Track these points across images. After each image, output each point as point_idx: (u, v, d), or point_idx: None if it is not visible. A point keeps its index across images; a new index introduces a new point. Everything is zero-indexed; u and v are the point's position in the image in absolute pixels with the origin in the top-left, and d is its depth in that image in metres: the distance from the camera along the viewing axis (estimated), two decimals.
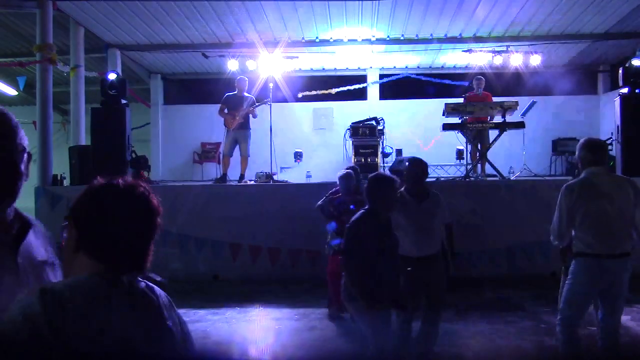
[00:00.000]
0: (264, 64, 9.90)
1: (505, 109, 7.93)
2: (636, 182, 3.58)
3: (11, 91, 11.96)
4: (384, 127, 8.99)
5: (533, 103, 9.42)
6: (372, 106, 11.16)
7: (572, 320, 3.57)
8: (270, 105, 8.54)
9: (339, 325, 5.26)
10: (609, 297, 3.51)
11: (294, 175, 8.75)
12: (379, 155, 8.58)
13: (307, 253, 7.06)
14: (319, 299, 5.92)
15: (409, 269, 3.87)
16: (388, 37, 9.96)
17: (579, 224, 3.48)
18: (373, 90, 11.92)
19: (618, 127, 7.54)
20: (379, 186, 3.51)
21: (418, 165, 4.20)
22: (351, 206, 5.32)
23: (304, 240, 6.99)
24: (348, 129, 8.86)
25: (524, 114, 9.10)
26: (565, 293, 3.61)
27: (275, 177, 8.36)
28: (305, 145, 10.25)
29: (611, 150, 9.23)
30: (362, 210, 3.55)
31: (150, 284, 1.36)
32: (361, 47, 10.29)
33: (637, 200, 3.45)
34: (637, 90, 7.53)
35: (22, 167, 1.42)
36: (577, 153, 3.68)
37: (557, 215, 3.57)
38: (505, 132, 7.97)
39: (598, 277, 3.45)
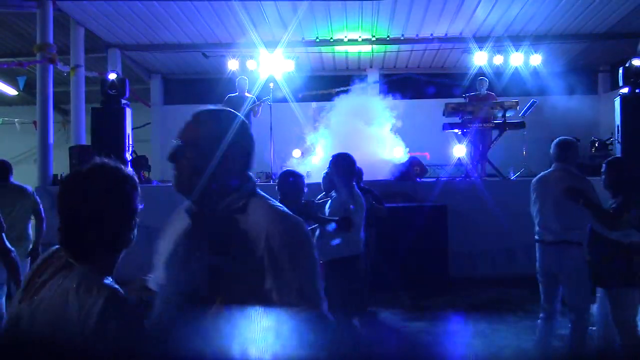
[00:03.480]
0: (264, 64, 9.90)
1: (505, 108, 7.93)
2: (588, 181, 3.83)
3: (11, 91, 11.96)
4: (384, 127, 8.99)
5: (533, 103, 9.42)
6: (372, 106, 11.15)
7: (543, 306, 3.96)
8: (271, 105, 8.54)
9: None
10: (563, 283, 3.82)
11: None
12: None
13: None
14: None
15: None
16: (388, 37, 9.96)
17: (535, 214, 3.98)
18: (373, 90, 11.91)
19: (618, 127, 7.54)
20: (285, 180, 3.88)
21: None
22: (351, 206, 5.31)
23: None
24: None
25: (524, 114, 9.09)
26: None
27: (275, 177, 8.37)
28: (306, 145, 10.24)
29: (611, 150, 9.25)
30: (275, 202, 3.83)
31: None
32: (361, 47, 10.29)
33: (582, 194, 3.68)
34: (637, 90, 7.52)
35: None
36: (551, 150, 4.05)
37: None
38: (505, 132, 7.97)
39: (546, 261, 3.88)
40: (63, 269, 1.33)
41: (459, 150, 8.21)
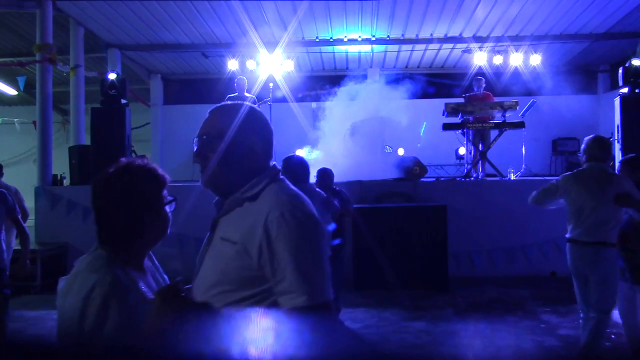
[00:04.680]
0: (264, 64, 9.90)
1: (505, 108, 7.93)
2: (629, 179, 3.74)
3: (11, 91, 11.96)
4: (384, 127, 8.98)
5: (533, 103, 9.42)
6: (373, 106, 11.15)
7: (582, 307, 3.80)
8: (270, 105, 8.54)
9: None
10: (592, 284, 3.71)
11: None
12: None
13: None
14: None
15: None
16: (388, 36, 9.97)
17: (568, 212, 3.81)
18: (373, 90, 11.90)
19: (618, 127, 7.54)
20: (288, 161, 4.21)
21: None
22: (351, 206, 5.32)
23: None
24: (348, 129, 8.86)
25: (523, 114, 9.10)
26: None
27: None
28: (305, 145, 10.24)
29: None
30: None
31: None
32: (361, 47, 10.30)
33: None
34: (637, 90, 7.53)
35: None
36: (583, 146, 3.88)
37: (545, 187, 3.90)
38: (505, 132, 7.97)
39: (579, 262, 3.74)
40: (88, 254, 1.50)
41: (459, 151, 8.22)
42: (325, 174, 5.28)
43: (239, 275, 1.40)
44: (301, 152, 9.42)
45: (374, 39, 9.99)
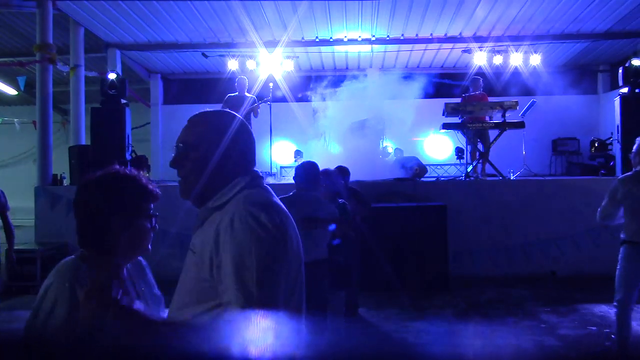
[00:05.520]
0: (264, 63, 9.90)
1: (505, 108, 7.92)
2: None
3: (11, 91, 11.96)
4: (384, 127, 9.00)
5: (533, 103, 9.42)
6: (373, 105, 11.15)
7: (621, 305, 3.78)
8: (270, 104, 8.54)
9: (341, 325, 5.25)
10: None
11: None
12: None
13: None
14: None
15: None
16: (388, 36, 9.96)
17: (626, 215, 3.74)
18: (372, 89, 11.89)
19: (618, 126, 7.55)
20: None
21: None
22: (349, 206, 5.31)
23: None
24: (348, 128, 8.86)
25: (523, 114, 9.10)
26: (616, 278, 3.82)
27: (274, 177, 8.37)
28: (305, 144, 10.25)
29: (611, 150, 9.26)
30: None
31: None
32: (361, 47, 10.29)
33: None
34: (637, 90, 7.53)
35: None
36: (635, 148, 3.84)
37: (606, 200, 3.84)
38: (505, 132, 7.97)
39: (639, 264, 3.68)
40: None
41: (459, 151, 8.21)
42: (340, 172, 5.39)
43: (196, 287, 1.37)
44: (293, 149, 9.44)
45: (373, 38, 9.98)
